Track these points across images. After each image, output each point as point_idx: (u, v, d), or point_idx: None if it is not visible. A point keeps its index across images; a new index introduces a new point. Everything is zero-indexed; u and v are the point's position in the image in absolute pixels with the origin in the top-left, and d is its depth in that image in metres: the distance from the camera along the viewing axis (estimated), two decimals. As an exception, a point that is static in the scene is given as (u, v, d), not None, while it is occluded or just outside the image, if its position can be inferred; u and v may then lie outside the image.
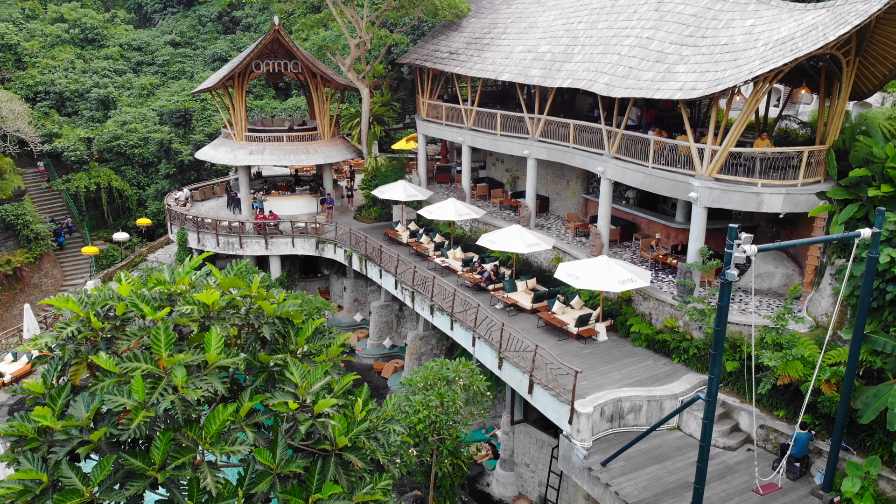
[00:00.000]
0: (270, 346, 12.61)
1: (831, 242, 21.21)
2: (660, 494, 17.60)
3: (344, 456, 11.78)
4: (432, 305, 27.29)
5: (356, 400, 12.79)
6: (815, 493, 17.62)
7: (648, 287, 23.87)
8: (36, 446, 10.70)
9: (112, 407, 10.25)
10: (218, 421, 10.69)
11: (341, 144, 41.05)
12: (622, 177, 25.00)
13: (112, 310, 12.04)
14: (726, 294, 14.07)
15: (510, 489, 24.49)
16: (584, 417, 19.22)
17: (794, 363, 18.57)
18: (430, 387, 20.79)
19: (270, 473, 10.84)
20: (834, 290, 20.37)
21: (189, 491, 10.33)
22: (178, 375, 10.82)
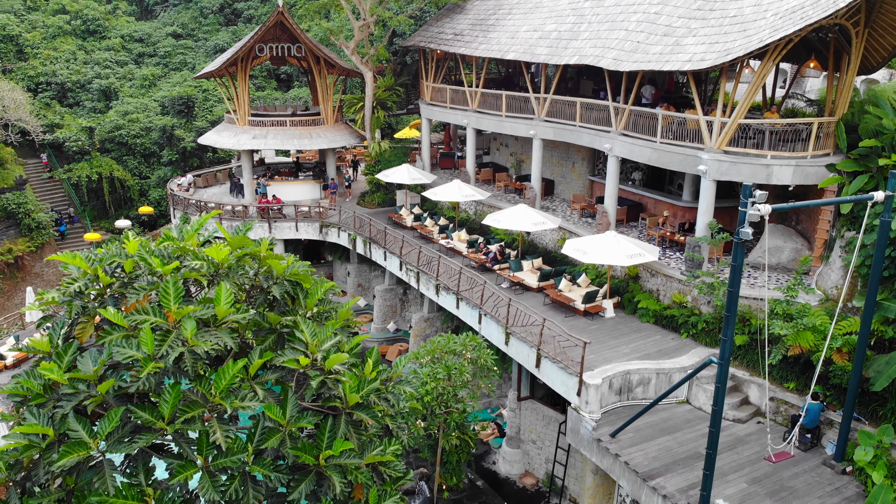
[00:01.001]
0: (280, 307, 12.46)
1: (841, 215, 21.07)
2: (670, 464, 17.44)
3: (355, 415, 11.65)
4: (437, 285, 27.13)
5: (367, 360, 12.66)
6: (826, 463, 17.47)
7: (656, 263, 23.74)
8: (42, 402, 10.56)
9: (120, 359, 10.11)
10: (227, 376, 10.54)
11: (344, 130, 40.89)
12: (630, 153, 24.84)
13: (120, 267, 11.89)
14: (740, 254, 13.90)
15: (517, 467, 24.33)
16: (592, 389, 19.07)
17: (805, 333, 18.41)
18: (438, 360, 20.67)
19: (280, 430, 10.71)
20: (844, 262, 20.21)
21: (198, 445, 10.18)
22: (188, 328, 10.68)
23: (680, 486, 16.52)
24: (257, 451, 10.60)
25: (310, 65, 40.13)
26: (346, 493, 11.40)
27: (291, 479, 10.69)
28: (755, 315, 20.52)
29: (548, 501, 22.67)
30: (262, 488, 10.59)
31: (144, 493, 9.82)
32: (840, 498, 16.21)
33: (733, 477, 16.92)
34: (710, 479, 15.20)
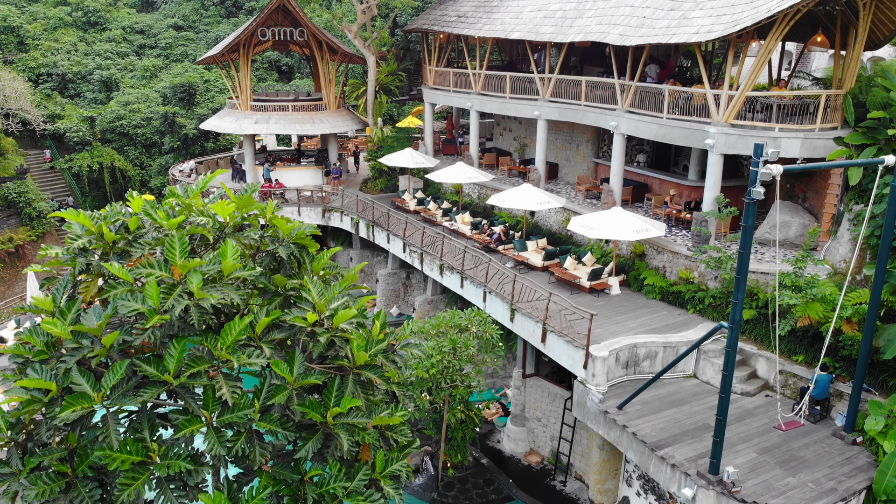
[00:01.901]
0: (286, 270, 12.31)
1: (849, 189, 20.91)
2: (678, 435, 17.28)
3: (362, 374, 11.49)
4: (442, 265, 26.96)
5: (374, 322, 12.51)
6: (836, 434, 17.30)
7: (662, 240, 23.58)
8: (45, 358, 10.41)
9: (125, 312, 9.94)
10: (234, 332, 10.38)
11: (347, 116, 40.71)
12: (636, 130, 24.67)
13: (124, 225, 11.74)
14: (752, 214, 13.75)
15: (521, 445, 24.16)
16: (599, 361, 18.90)
17: (814, 305, 18.23)
18: (443, 334, 20.51)
19: (287, 387, 10.56)
20: (853, 236, 20.05)
21: (204, 400, 10.04)
22: (194, 282, 10.52)
23: (689, 456, 16.36)
24: (264, 408, 10.45)
25: (312, 50, 39.93)
26: (353, 453, 11.26)
27: (298, 436, 10.55)
28: (763, 289, 20.36)
29: (553, 478, 22.51)
30: (268, 447, 10.44)
31: (149, 449, 9.68)
32: (851, 467, 16.05)
33: (742, 447, 16.76)
34: (720, 446, 15.07)
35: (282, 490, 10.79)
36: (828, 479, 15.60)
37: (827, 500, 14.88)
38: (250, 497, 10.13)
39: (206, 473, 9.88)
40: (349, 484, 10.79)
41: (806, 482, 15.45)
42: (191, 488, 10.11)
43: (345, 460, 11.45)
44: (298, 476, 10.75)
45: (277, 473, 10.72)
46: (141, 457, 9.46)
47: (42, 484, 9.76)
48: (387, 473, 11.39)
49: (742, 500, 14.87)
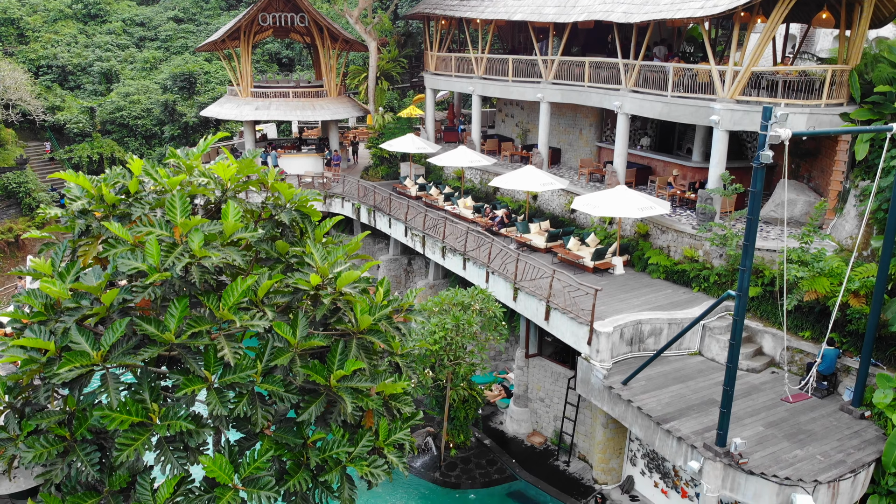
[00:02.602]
0: (288, 238, 12.15)
1: (855, 166, 20.74)
2: (684, 409, 17.10)
3: (366, 339, 11.31)
4: (444, 247, 26.76)
5: (378, 289, 12.32)
6: (844, 408, 17.11)
7: (666, 219, 23.40)
8: (43, 320, 10.24)
9: (125, 270, 9.77)
10: (236, 293, 10.21)
11: (347, 103, 40.51)
12: (640, 109, 24.48)
13: (124, 188, 11.58)
14: (760, 179, 13.56)
15: (524, 426, 23.97)
16: (603, 337, 18.72)
17: (821, 279, 18.04)
18: (446, 311, 20.33)
19: (290, 350, 10.40)
20: (859, 212, 19.87)
21: (205, 361, 9.87)
22: (195, 240, 10.36)
23: (695, 429, 16.18)
24: (266, 370, 10.28)
25: (313, 37, 39.75)
26: (356, 418, 11.09)
27: (301, 399, 10.37)
28: (768, 267, 20.17)
29: (556, 459, 22.32)
30: (271, 409, 10.27)
31: (149, 410, 9.50)
32: (860, 440, 15.87)
33: (749, 421, 16.58)
34: (727, 418, 14.88)
35: (284, 454, 10.62)
36: (836, 451, 15.42)
37: (836, 471, 14.70)
38: (252, 460, 9.96)
39: (207, 435, 9.70)
40: (353, 449, 10.62)
41: (814, 454, 15.27)
42: (191, 450, 9.95)
43: (348, 425, 11.28)
44: (301, 440, 10.58)
45: (279, 437, 10.54)
46: (141, 418, 9.29)
47: (39, 447, 9.59)
48: (391, 441, 11.23)
49: (750, 471, 14.69)
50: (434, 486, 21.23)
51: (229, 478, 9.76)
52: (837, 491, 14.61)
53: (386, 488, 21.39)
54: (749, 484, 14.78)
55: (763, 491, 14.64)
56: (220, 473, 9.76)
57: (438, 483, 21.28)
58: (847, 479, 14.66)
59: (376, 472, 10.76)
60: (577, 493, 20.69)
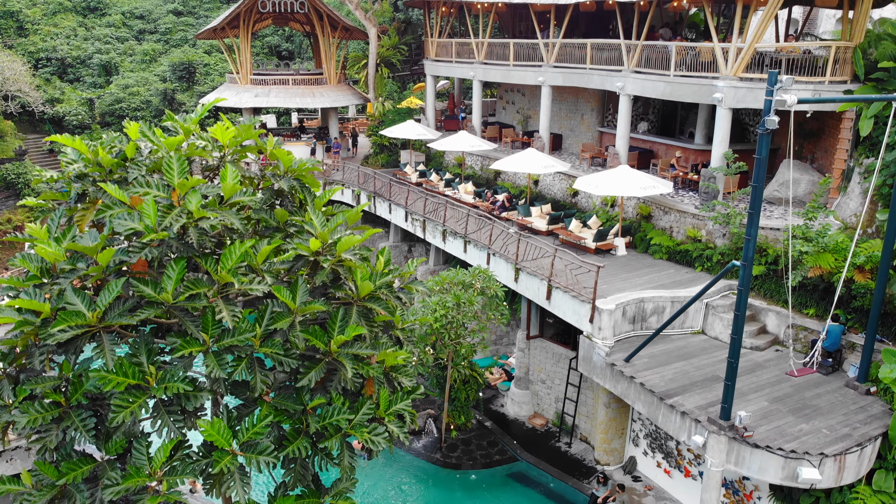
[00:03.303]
0: (287, 206, 12.00)
1: (859, 144, 20.54)
2: (687, 385, 16.92)
3: (367, 307, 11.15)
4: (444, 230, 26.56)
5: (378, 258, 12.16)
6: (849, 385, 16.92)
7: (669, 200, 23.23)
8: (39, 283, 10.07)
9: (122, 230, 9.62)
10: (235, 256, 10.06)
11: (347, 90, 40.32)
12: (643, 89, 24.28)
13: (121, 153, 11.44)
14: (765, 146, 13.37)
15: (525, 408, 23.79)
16: (605, 314, 18.54)
17: (825, 255, 17.85)
18: (446, 290, 20.16)
19: (290, 315, 10.24)
20: (863, 189, 19.67)
21: (203, 324, 9.70)
22: (193, 201, 10.20)
23: (699, 404, 16.00)
24: (266, 335, 10.11)
25: (312, 25, 39.54)
26: (357, 385, 10.93)
27: (301, 365, 10.20)
28: (772, 245, 19.99)
29: (558, 440, 22.15)
30: (269, 375, 10.10)
31: (146, 373, 9.34)
32: (866, 415, 15.69)
33: (754, 396, 16.40)
34: (732, 391, 14.70)
35: (283, 421, 10.45)
36: (842, 425, 15.24)
37: (842, 444, 14.52)
38: (250, 425, 9.79)
39: (204, 399, 9.52)
40: (353, 417, 10.46)
41: (820, 428, 15.10)
42: (189, 414, 9.78)
43: (348, 393, 11.12)
44: (301, 407, 10.41)
45: (279, 404, 10.37)
46: (137, 380, 9.12)
47: (33, 412, 9.42)
48: (391, 412, 11.06)
49: (755, 445, 14.51)
50: (435, 467, 21.07)
51: (227, 442, 9.60)
52: (844, 464, 14.43)
53: (386, 469, 21.23)
54: (754, 457, 14.60)
55: (768, 464, 14.46)
56: (218, 438, 9.60)
57: (439, 464, 21.11)
58: (853, 452, 14.48)
59: (377, 440, 10.59)
60: (579, 473, 20.52)
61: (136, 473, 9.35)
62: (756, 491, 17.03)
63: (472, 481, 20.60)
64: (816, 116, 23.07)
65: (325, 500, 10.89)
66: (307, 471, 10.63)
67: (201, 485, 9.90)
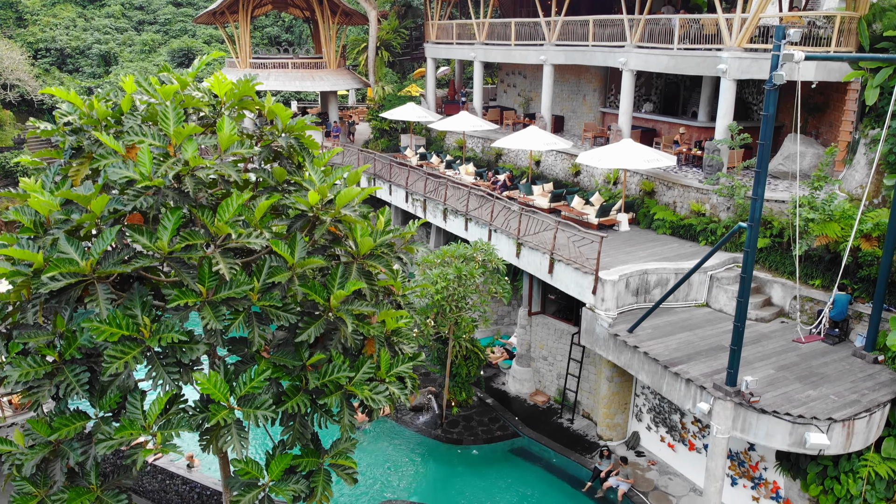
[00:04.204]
0: (285, 166, 11.80)
1: (865, 116, 20.29)
2: (692, 354, 16.67)
3: (367, 265, 10.95)
4: (445, 209, 26.31)
5: (378, 217, 11.93)
6: (857, 354, 16.67)
7: (672, 175, 22.98)
8: (34, 235, 9.87)
9: (116, 180, 9.40)
10: (232, 207, 9.85)
11: (347, 75, 40.08)
12: (646, 64, 24.02)
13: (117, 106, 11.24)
14: (772, 102, 13.12)
15: (527, 385, 23.54)
16: (608, 285, 18.30)
17: (832, 224, 17.61)
18: (447, 264, 19.93)
19: (289, 270, 10.03)
20: (868, 160, 19.41)
21: (200, 275, 9.47)
22: (189, 150, 10.01)
23: (704, 372, 15.75)
24: (264, 288, 9.89)
25: (312, 10, 39.28)
26: (357, 343, 10.71)
27: (300, 320, 9.98)
28: (777, 218, 19.74)
29: (560, 416, 21.90)
30: (268, 330, 9.87)
31: (140, 325, 9.12)
32: (874, 382, 15.44)
33: (759, 365, 16.15)
34: (738, 356, 14.46)
35: (282, 377, 10.23)
36: (850, 392, 15.00)
37: (850, 410, 14.27)
38: (248, 379, 9.57)
39: (201, 352, 9.30)
40: (353, 374, 10.24)
41: (828, 395, 14.86)
42: (185, 367, 9.56)
43: (348, 352, 10.90)
44: (300, 363, 10.20)
45: (277, 360, 10.15)
46: (131, 332, 8.89)
47: (26, 366, 9.20)
48: (393, 374, 10.85)
49: (762, 410, 14.27)
50: (436, 442, 20.83)
51: (224, 396, 9.38)
52: (853, 430, 14.19)
53: (387, 444, 21.00)
54: (760, 423, 14.36)
55: (775, 430, 14.22)
56: (215, 391, 9.39)
57: (440, 439, 20.87)
58: (862, 418, 14.24)
59: (377, 399, 10.37)
60: (582, 448, 20.28)
61: (130, 426, 9.13)
62: (762, 462, 16.80)
63: (474, 456, 20.37)
64: (821, 90, 22.85)
65: (325, 461, 10.67)
66: (306, 429, 10.40)
67: (198, 441, 9.67)
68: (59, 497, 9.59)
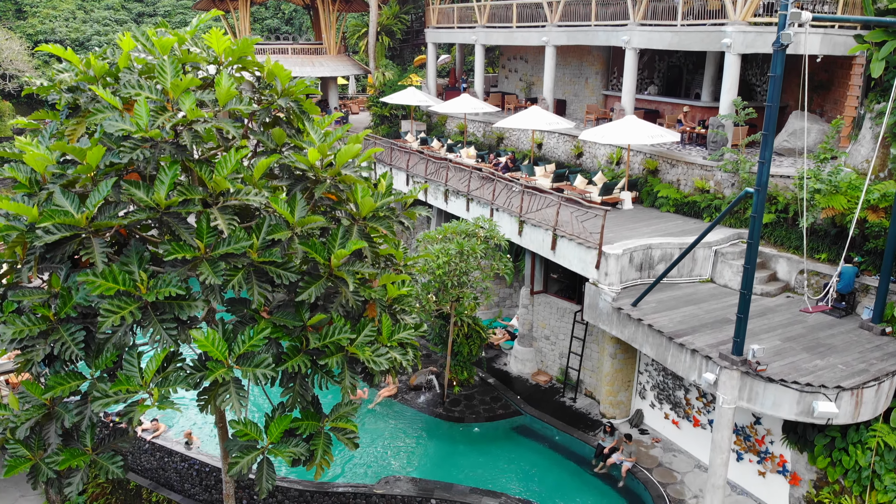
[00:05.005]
0: (285, 129, 11.63)
1: (870, 91, 20.06)
2: (697, 326, 16.46)
3: (368, 226, 10.78)
4: (447, 190, 26.07)
5: (380, 180, 11.76)
6: (864, 326, 16.45)
7: (676, 153, 22.76)
8: (30, 192, 9.70)
9: (113, 132, 9.22)
10: (231, 163, 9.71)
11: (347, 61, 39.88)
12: (649, 42, 23.79)
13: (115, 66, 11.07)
14: (780, 63, 12.91)
15: (529, 365, 23.33)
16: (612, 259, 18.08)
17: (838, 197, 17.41)
18: (449, 240, 19.72)
19: (289, 229, 9.86)
20: (874, 133, 19.19)
21: (197, 231, 9.29)
22: (186, 103, 9.84)
23: (709, 343, 15.55)
24: (263, 247, 9.71)
25: (312, -5, 39.10)
26: (358, 304, 10.53)
27: (301, 279, 9.79)
28: (782, 193, 19.53)
29: (562, 395, 21.69)
30: (267, 287, 9.67)
31: (136, 280, 8.93)
32: (882, 353, 15.23)
33: (766, 336, 15.95)
34: (744, 324, 14.24)
35: (282, 337, 10.03)
36: (858, 362, 14.80)
37: (859, 379, 14.06)
38: (247, 338, 9.39)
39: (199, 308, 9.10)
40: (355, 336, 10.05)
41: (835, 364, 14.65)
42: (183, 324, 9.37)
43: (350, 315, 10.71)
44: (300, 323, 10.00)
45: (277, 320, 9.96)
46: (128, 287, 8.69)
47: (20, 324, 9.00)
48: (395, 339, 10.67)
49: (769, 378, 14.06)
50: (437, 420, 20.62)
51: (223, 354, 9.20)
52: (861, 399, 13.98)
53: (387, 422, 20.80)
54: (767, 392, 14.15)
55: (783, 399, 14.01)
56: (213, 349, 9.22)
57: (442, 417, 20.67)
58: (871, 386, 14.02)
59: (379, 361, 10.18)
60: (584, 426, 20.07)
61: (127, 382, 8.95)
62: (768, 435, 16.59)
63: (475, 434, 20.15)
64: (826, 67, 22.64)
65: (326, 425, 10.48)
66: (307, 391, 10.19)
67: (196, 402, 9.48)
68: (53, 459, 9.40)
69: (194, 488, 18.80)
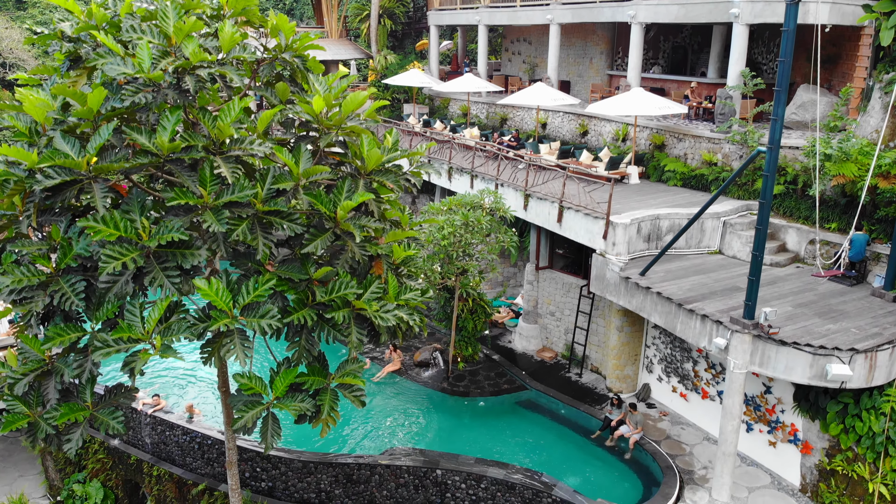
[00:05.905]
0: (290, 84, 11.43)
1: (880, 62, 19.82)
2: (706, 294, 16.22)
3: (375, 180, 10.58)
4: (450, 168, 25.83)
5: (386, 136, 11.57)
6: (875, 293, 16.21)
7: (683, 126, 22.52)
8: (30, 142, 9.48)
9: (114, 75, 8.98)
10: (234, 111, 9.47)
11: (349, 45, 39.66)
12: (655, 15, 23.54)
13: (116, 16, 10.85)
14: (793, 17, 12.67)
15: (534, 342, 23.10)
16: (620, 229, 17.86)
17: (848, 164, 17.16)
18: (454, 211, 19.48)
19: (293, 180, 9.63)
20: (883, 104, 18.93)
21: (201, 179, 9.06)
22: (189, 47, 9.61)
23: (720, 308, 15.31)
24: (268, 198, 9.48)
25: (314, -21, 38.84)
26: (365, 259, 10.31)
27: (306, 231, 9.54)
28: (791, 165, 19.29)
29: (568, 371, 21.47)
30: (273, 238, 9.44)
31: (138, 228, 8.70)
32: (894, 318, 14.98)
33: (777, 303, 15.69)
34: (756, 287, 14.00)
35: (287, 290, 9.80)
36: (871, 326, 14.56)
37: (872, 342, 13.82)
38: (252, 289, 9.14)
39: (202, 257, 8.86)
40: (361, 291, 9.81)
41: (848, 328, 14.42)
42: (186, 273, 9.14)
43: (356, 272, 10.49)
44: (306, 276, 9.76)
45: (283, 273, 9.71)
46: (129, 234, 8.47)
47: (19, 274, 8.76)
48: (401, 299, 10.42)
49: (781, 341, 13.83)
50: (442, 395, 20.42)
51: (227, 304, 8.95)
52: (875, 362, 13.73)
53: (392, 397, 20.60)
54: (780, 356, 13.92)
55: (795, 362, 13.78)
56: (216, 298, 8.97)
57: (447, 392, 20.46)
58: (885, 349, 13.78)
59: (386, 317, 9.94)
60: (591, 400, 19.84)
61: (129, 330, 8.72)
62: (779, 404, 16.35)
63: (481, 408, 19.95)
64: (834, 41, 22.38)
65: (332, 381, 10.26)
66: (313, 345, 9.94)
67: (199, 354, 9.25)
68: (52, 415, 9.17)
69: (196, 462, 18.58)
